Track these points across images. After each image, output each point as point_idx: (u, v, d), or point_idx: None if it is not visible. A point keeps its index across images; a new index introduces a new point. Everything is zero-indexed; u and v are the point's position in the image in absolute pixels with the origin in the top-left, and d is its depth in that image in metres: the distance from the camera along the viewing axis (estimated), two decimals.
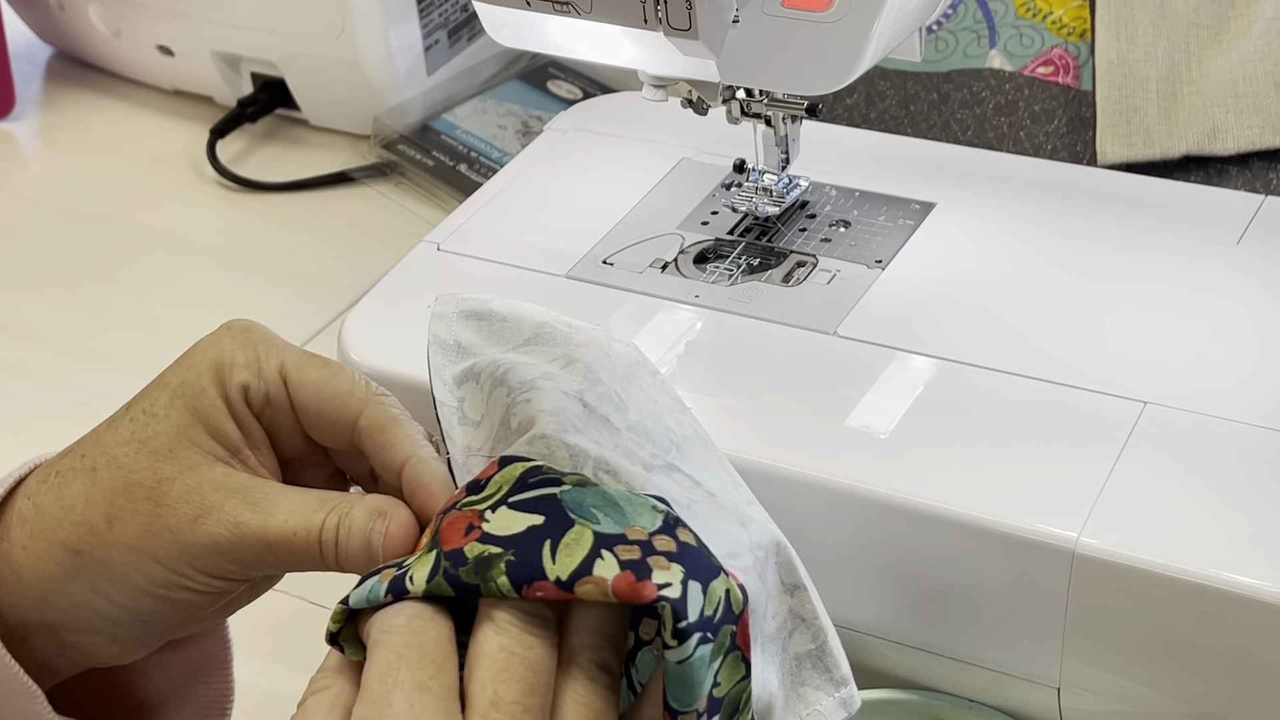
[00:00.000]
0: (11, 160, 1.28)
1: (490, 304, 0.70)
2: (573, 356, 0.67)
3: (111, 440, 0.64)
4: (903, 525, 0.72)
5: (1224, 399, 0.74)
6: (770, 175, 0.89)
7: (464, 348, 0.69)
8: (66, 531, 0.62)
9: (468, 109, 1.21)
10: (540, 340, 0.68)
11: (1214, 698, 0.69)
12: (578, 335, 0.68)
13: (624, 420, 0.64)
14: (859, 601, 0.74)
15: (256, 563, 0.62)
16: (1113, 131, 1.03)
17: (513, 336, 0.69)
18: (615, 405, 0.64)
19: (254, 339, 0.66)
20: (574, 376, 0.65)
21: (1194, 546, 0.68)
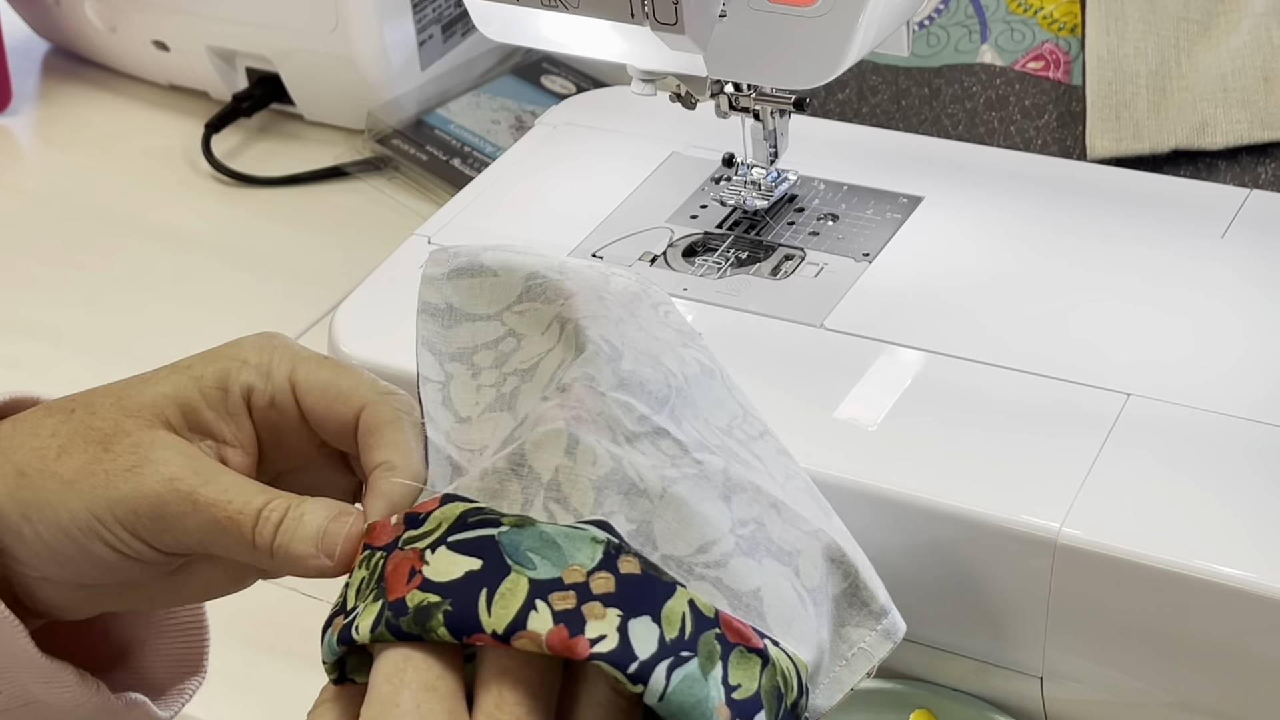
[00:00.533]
0: (7, 155, 1.28)
1: (480, 256, 0.68)
2: (564, 316, 0.65)
3: (101, 392, 0.64)
4: (886, 516, 0.72)
5: (1207, 391, 0.75)
6: (759, 169, 0.89)
7: (455, 310, 0.67)
8: (23, 454, 0.62)
9: (461, 104, 1.22)
10: (531, 296, 0.67)
11: (1196, 687, 0.70)
12: (569, 282, 0.66)
13: (616, 375, 0.62)
14: None
15: (179, 528, 0.61)
16: (1102, 126, 1.04)
17: (504, 294, 0.67)
18: (607, 359, 0.62)
19: (273, 344, 0.65)
20: (565, 351, 0.64)
21: (1176, 537, 0.69)
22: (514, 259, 0.68)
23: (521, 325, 0.66)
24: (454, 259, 0.69)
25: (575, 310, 0.65)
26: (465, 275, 0.68)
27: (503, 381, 0.65)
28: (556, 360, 0.64)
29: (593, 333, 0.63)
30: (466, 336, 0.67)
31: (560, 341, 0.65)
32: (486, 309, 0.67)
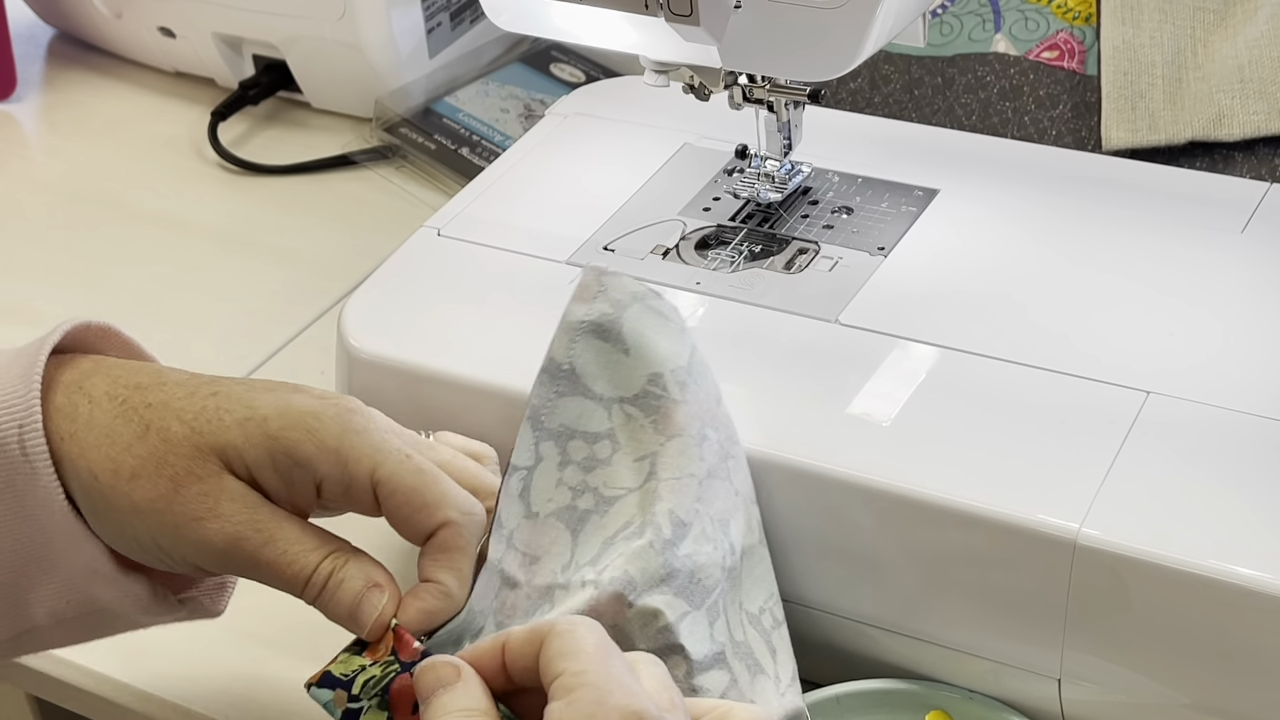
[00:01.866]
0: (12, 142, 1.27)
1: (623, 317, 0.72)
2: (655, 465, 0.70)
3: (176, 410, 0.67)
4: (904, 515, 0.71)
5: (1228, 389, 0.74)
6: (773, 161, 0.88)
7: (576, 376, 0.71)
8: (96, 458, 0.66)
9: (470, 92, 1.21)
10: (644, 405, 0.71)
11: (1215, 689, 0.69)
12: (680, 411, 0.71)
13: (666, 565, 0.68)
14: (859, 590, 0.74)
15: (235, 570, 0.67)
16: (1118, 117, 1.03)
17: (625, 382, 0.71)
18: (663, 547, 0.68)
19: (352, 427, 0.67)
20: (638, 512, 0.69)
21: (1196, 538, 0.68)
22: (648, 339, 0.71)
23: (624, 433, 0.71)
24: (598, 300, 0.72)
25: (665, 465, 0.70)
26: (599, 336, 0.71)
27: (581, 492, 0.70)
28: (626, 517, 0.69)
29: (662, 508, 0.68)
30: (574, 414, 0.71)
31: (640, 490, 0.70)
32: (604, 389, 0.71)
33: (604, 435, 0.71)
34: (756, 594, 0.72)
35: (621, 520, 0.70)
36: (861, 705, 0.75)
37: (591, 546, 0.69)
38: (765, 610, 0.72)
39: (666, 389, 0.71)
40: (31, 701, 0.94)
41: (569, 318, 0.72)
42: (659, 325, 0.72)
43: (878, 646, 0.75)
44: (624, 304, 0.72)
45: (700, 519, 0.69)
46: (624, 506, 0.70)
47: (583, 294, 0.72)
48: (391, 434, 0.67)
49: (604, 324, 0.71)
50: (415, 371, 0.81)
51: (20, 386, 0.67)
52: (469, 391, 0.79)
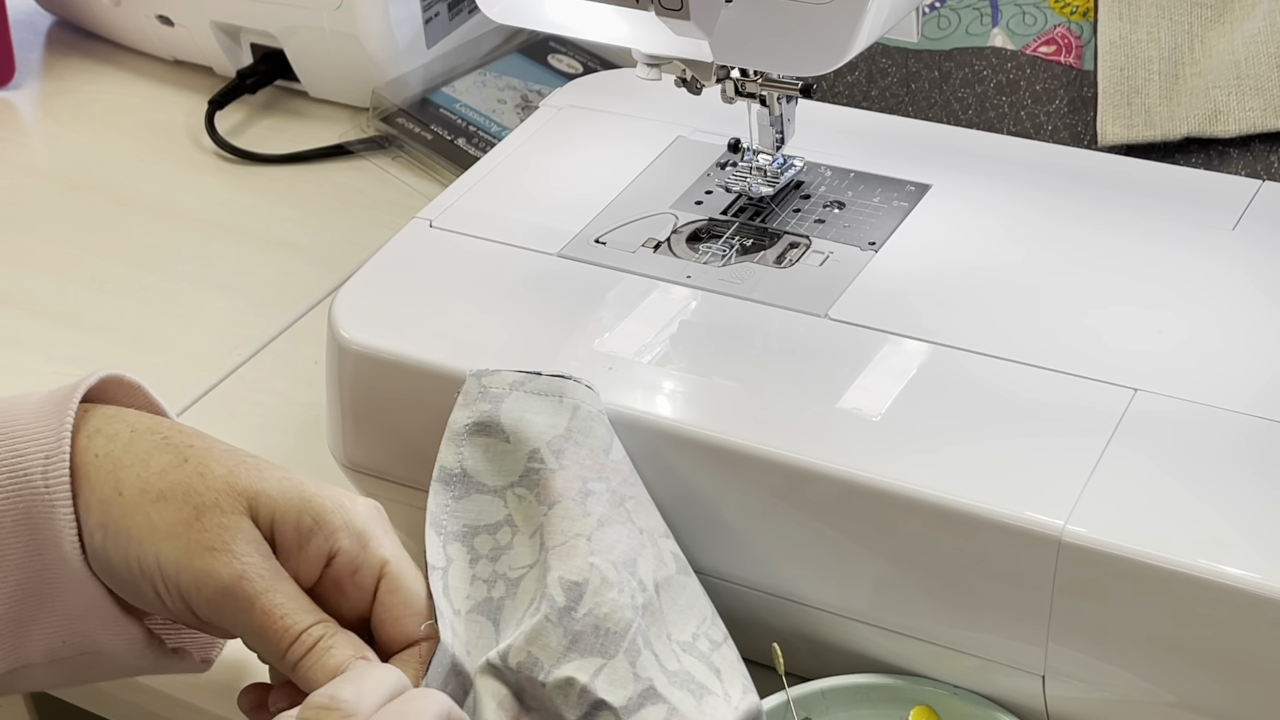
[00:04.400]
0: (10, 129, 1.27)
1: (500, 410, 0.75)
2: (544, 535, 0.73)
3: (219, 454, 0.71)
4: (889, 510, 0.72)
5: (1215, 386, 0.74)
6: (765, 155, 0.88)
7: (468, 477, 0.75)
8: (127, 476, 0.69)
9: (467, 82, 1.21)
10: (528, 483, 0.74)
11: (1199, 687, 0.69)
12: (558, 479, 0.74)
13: (568, 634, 0.70)
14: (844, 585, 0.74)
15: (229, 614, 0.68)
16: (1113, 112, 1.03)
17: (511, 467, 0.75)
18: (558, 618, 0.70)
19: (382, 522, 0.72)
20: (535, 585, 0.72)
21: (1180, 536, 0.68)
22: (525, 420, 0.75)
23: (518, 514, 0.75)
24: (478, 401, 0.76)
25: (551, 533, 0.73)
26: (482, 434, 0.75)
27: (493, 582, 0.74)
28: (530, 594, 0.72)
29: (553, 577, 0.71)
30: (473, 513, 0.75)
31: (536, 566, 0.73)
32: (494, 480, 0.75)
33: (503, 523, 0.74)
34: (685, 623, 0.73)
35: (527, 599, 0.72)
36: (846, 700, 0.75)
37: (510, 631, 0.72)
38: (700, 635, 0.73)
39: (544, 460, 0.74)
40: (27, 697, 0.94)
41: (453, 426, 0.75)
42: (535, 405, 0.75)
43: (863, 641, 0.75)
44: (501, 396, 0.76)
45: (596, 572, 0.71)
46: (528, 584, 0.73)
47: (464, 400, 0.76)
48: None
49: (485, 421, 0.75)
50: (405, 363, 0.81)
51: (53, 421, 0.70)
52: (459, 383, 0.79)
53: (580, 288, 0.83)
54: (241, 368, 1.02)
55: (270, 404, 0.99)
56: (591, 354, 0.79)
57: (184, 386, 1.01)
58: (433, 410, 0.80)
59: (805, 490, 0.73)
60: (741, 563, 0.76)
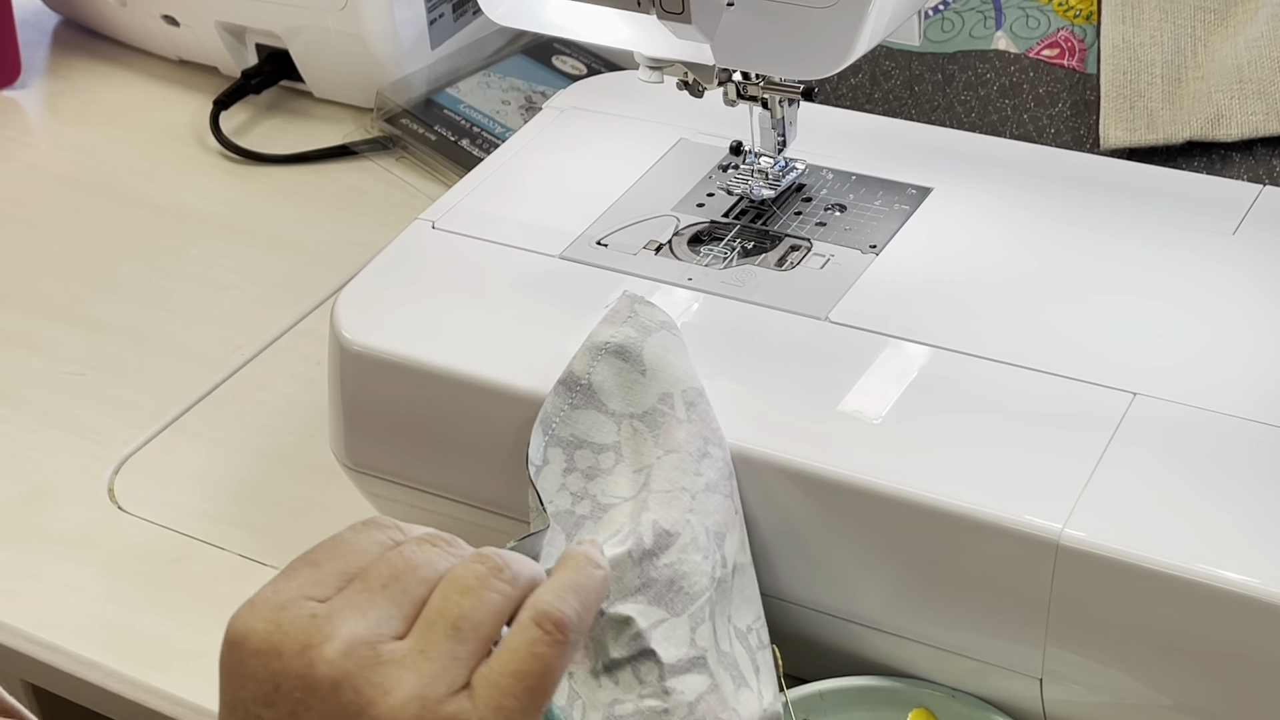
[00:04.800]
0: (16, 129, 1.28)
1: (645, 343, 0.75)
2: (650, 477, 0.73)
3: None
4: (888, 513, 0.72)
5: (1215, 392, 0.74)
6: (766, 158, 0.88)
7: (593, 389, 0.75)
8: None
9: (471, 83, 1.21)
10: (651, 421, 0.74)
11: (1198, 691, 0.69)
12: (683, 430, 0.73)
13: (642, 576, 0.70)
14: (844, 588, 0.74)
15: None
16: (1116, 116, 1.03)
17: (639, 399, 0.75)
18: (640, 558, 0.70)
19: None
20: (628, 519, 0.72)
21: (1178, 540, 0.68)
22: (667, 361, 0.75)
23: (628, 446, 0.74)
24: (626, 324, 0.75)
25: (659, 477, 0.73)
26: (619, 357, 0.75)
27: (581, 499, 0.73)
28: (616, 525, 0.72)
29: (648, 518, 0.71)
30: (584, 425, 0.75)
31: (633, 500, 0.73)
32: (617, 405, 0.75)
33: (610, 447, 0.74)
34: (746, 613, 0.74)
35: (612, 528, 0.72)
36: (845, 701, 0.75)
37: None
38: (752, 630, 0.74)
39: (674, 407, 0.74)
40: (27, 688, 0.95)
41: (594, 338, 0.75)
42: (679, 350, 0.76)
43: (862, 643, 0.75)
44: (650, 329, 0.75)
45: (689, 529, 0.71)
46: (616, 514, 0.72)
47: (613, 318, 0.76)
48: None
49: (627, 346, 0.75)
50: (406, 364, 0.81)
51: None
52: (460, 385, 0.80)
53: (581, 290, 0.84)
54: (245, 367, 1.03)
55: (273, 403, 0.99)
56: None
57: (187, 385, 1.01)
58: (433, 410, 0.80)
59: (804, 493, 0.73)
60: None
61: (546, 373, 0.78)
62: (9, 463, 0.97)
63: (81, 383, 1.02)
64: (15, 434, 0.99)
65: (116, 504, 0.94)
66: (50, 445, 0.98)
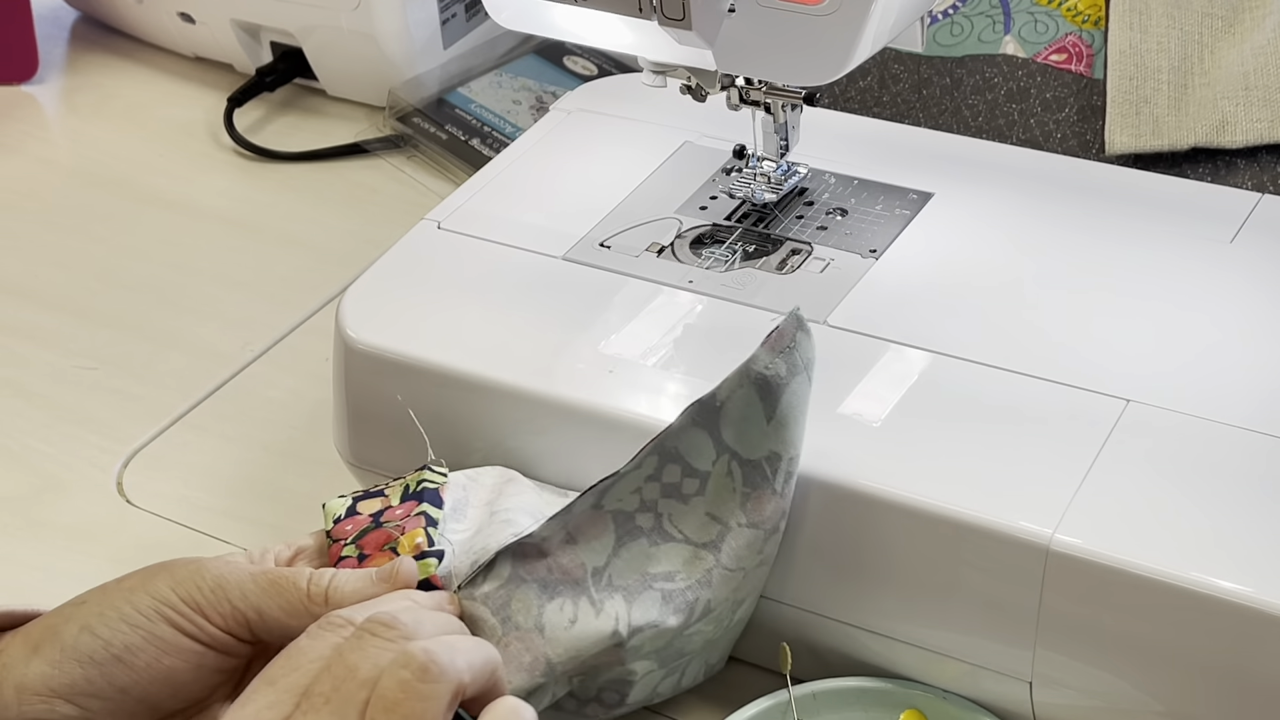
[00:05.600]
0: (32, 124, 1.29)
1: (786, 386, 0.73)
2: (726, 537, 0.74)
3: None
4: (880, 515, 0.72)
5: (1208, 399, 0.75)
6: (769, 162, 0.89)
7: (719, 412, 0.73)
8: (82, 595, 0.68)
9: (483, 83, 1.22)
10: (746, 474, 0.73)
11: (1187, 697, 0.69)
12: (770, 505, 0.74)
13: (681, 643, 0.74)
14: (836, 590, 0.75)
15: (236, 595, 0.68)
16: (1122, 121, 1.03)
17: (749, 443, 0.73)
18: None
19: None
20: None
21: (1168, 547, 0.69)
22: (793, 418, 0.74)
23: (715, 484, 0.74)
24: (783, 355, 0.73)
25: (730, 552, 0.74)
26: (759, 391, 0.73)
27: (648, 510, 0.73)
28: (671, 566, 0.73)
29: (704, 595, 0.73)
30: (691, 443, 0.73)
31: (696, 549, 0.74)
32: (729, 436, 0.74)
33: (699, 474, 0.73)
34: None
35: (665, 566, 0.72)
36: (838, 702, 0.76)
37: (629, 570, 0.72)
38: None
39: (776, 474, 0.73)
40: None
41: (754, 364, 0.73)
42: (804, 405, 0.73)
43: (854, 645, 0.76)
44: (797, 370, 0.73)
45: (724, 605, 0.74)
46: (674, 550, 0.73)
47: (776, 343, 0.73)
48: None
49: (771, 383, 0.72)
50: (410, 363, 0.82)
51: None
52: (463, 385, 0.81)
53: (584, 291, 0.84)
54: (254, 363, 1.04)
55: (280, 400, 1.00)
56: (593, 357, 0.80)
57: (197, 381, 1.02)
58: (436, 409, 0.81)
59: (797, 495, 0.74)
60: None
61: (548, 373, 0.79)
62: (19, 456, 0.98)
63: (92, 377, 1.04)
64: (26, 427, 1.00)
65: (125, 498, 0.95)
66: (60, 439, 0.99)
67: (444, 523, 0.74)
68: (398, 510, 0.75)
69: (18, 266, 1.14)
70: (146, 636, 0.66)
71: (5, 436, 1.00)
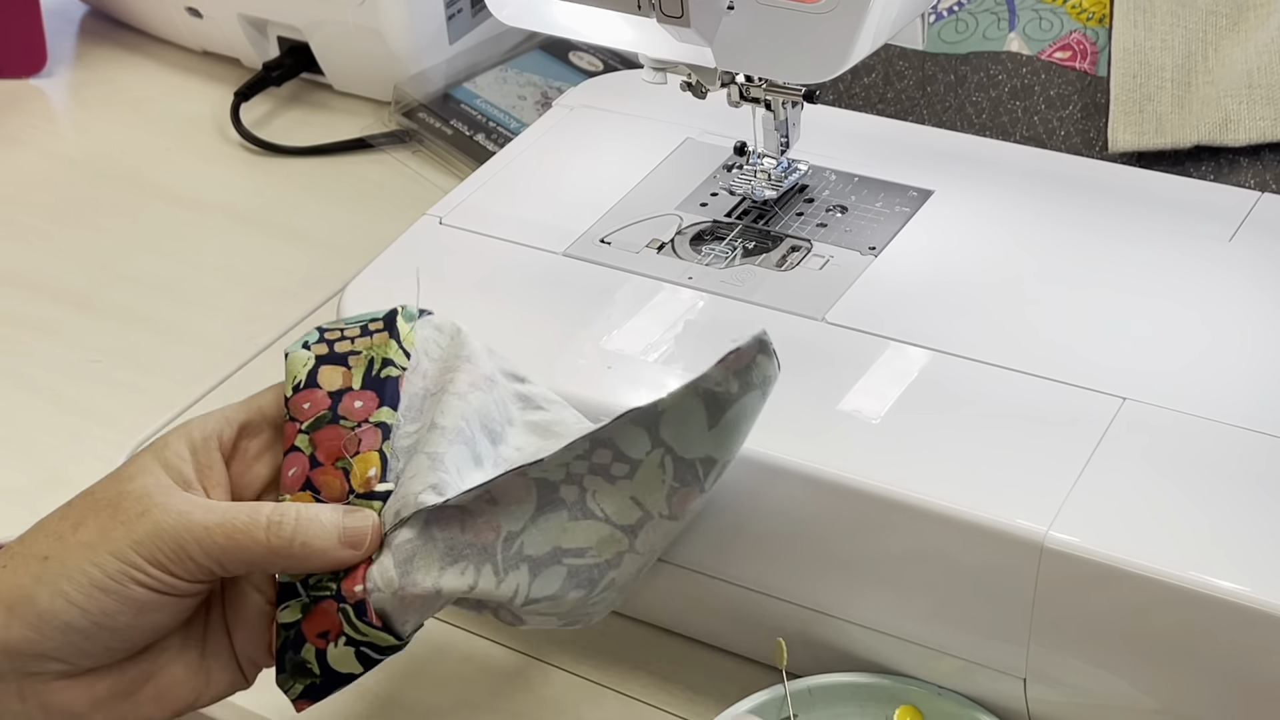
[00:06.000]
0: (40, 117, 1.30)
1: (737, 400, 0.72)
2: (646, 525, 0.74)
3: (98, 485, 0.72)
4: (876, 512, 0.73)
5: (1204, 398, 0.75)
6: (769, 159, 0.89)
7: (657, 417, 0.72)
8: (40, 543, 0.69)
9: (489, 78, 1.22)
10: (678, 471, 0.73)
11: (1182, 695, 0.70)
12: (694, 501, 0.74)
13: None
14: (832, 586, 0.75)
15: (198, 551, 0.68)
16: (1125, 119, 1.03)
17: (686, 442, 0.73)
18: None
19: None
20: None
21: (1164, 546, 0.69)
22: (738, 430, 0.73)
23: (644, 473, 0.73)
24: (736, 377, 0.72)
25: (647, 540, 0.74)
26: (705, 404, 0.72)
27: (573, 484, 0.73)
28: (585, 542, 0.73)
29: (614, 575, 0.74)
30: (625, 437, 0.73)
31: (613, 530, 0.73)
32: (667, 434, 0.73)
33: (629, 461, 0.72)
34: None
35: (579, 542, 0.72)
36: (833, 697, 0.76)
37: (542, 540, 0.72)
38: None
39: (707, 476, 0.73)
40: None
41: (704, 381, 0.71)
42: (752, 417, 0.73)
43: (850, 640, 0.76)
44: (751, 387, 0.72)
45: (629, 580, 0.74)
46: (592, 528, 0.73)
47: (733, 363, 0.71)
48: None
49: (720, 398, 0.72)
50: None
51: None
52: None
53: (584, 287, 0.85)
54: (258, 357, 1.04)
55: None
56: (594, 352, 0.81)
57: (202, 375, 1.03)
58: None
59: (794, 491, 0.74)
60: (732, 561, 0.77)
61: (548, 367, 0.79)
62: (25, 448, 0.99)
63: (98, 370, 1.04)
64: (32, 420, 1.01)
65: None
66: (65, 431, 1.00)
67: (397, 428, 0.73)
68: (356, 400, 0.73)
69: (25, 259, 1.14)
70: (121, 601, 0.67)
71: (10, 429, 1.00)
